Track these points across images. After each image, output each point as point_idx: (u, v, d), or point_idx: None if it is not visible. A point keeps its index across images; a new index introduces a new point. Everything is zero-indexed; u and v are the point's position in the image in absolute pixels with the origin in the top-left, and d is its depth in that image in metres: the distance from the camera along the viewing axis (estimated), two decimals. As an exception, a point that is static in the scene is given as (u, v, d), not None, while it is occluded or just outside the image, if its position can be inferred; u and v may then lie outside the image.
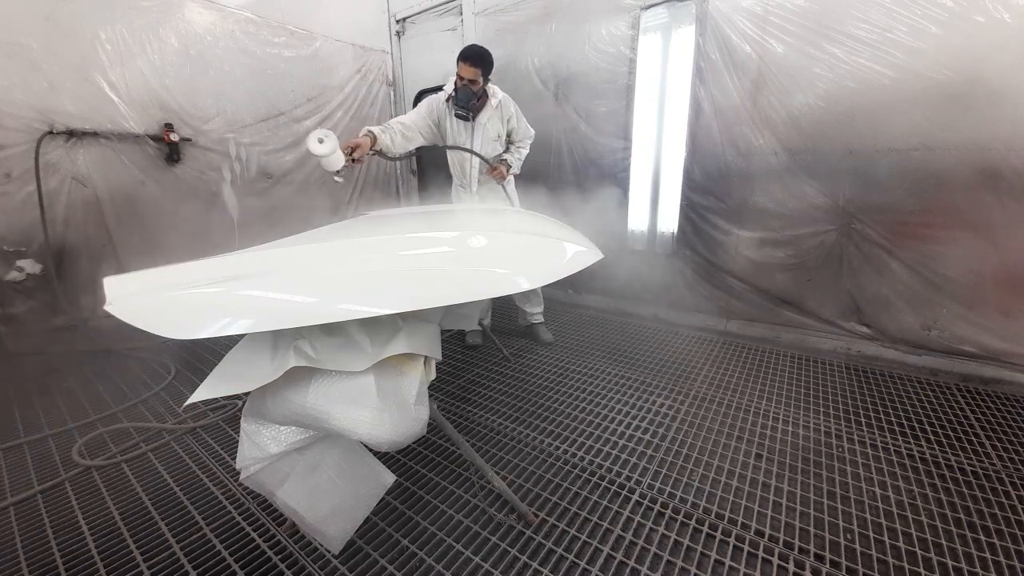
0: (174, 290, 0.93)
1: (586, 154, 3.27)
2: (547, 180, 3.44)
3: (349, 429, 0.97)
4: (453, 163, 2.57)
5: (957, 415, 1.95)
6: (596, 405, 2.05)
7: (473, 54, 2.21)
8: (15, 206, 2.41)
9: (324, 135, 1.72)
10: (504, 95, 2.43)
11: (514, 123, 2.47)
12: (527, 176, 3.15)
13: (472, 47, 2.25)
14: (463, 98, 2.26)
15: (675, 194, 2.96)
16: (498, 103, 2.39)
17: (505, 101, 2.42)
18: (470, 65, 2.20)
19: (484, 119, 2.38)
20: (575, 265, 1.23)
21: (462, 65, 2.21)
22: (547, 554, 1.27)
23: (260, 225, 3.45)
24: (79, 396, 2.22)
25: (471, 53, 2.21)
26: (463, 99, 2.26)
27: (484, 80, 2.28)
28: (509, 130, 2.49)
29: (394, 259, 1.12)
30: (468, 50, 2.22)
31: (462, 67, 2.21)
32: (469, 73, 2.21)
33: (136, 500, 1.51)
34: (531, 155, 2.71)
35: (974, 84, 2.00)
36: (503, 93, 2.43)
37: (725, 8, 2.55)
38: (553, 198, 3.34)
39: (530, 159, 2.72)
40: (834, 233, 2.45)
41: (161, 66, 2.82)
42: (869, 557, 1.25)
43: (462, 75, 2.23)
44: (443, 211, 2.38)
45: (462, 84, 2.25)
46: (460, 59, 2.22)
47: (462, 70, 2.22)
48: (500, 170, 2.43)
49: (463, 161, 2.51)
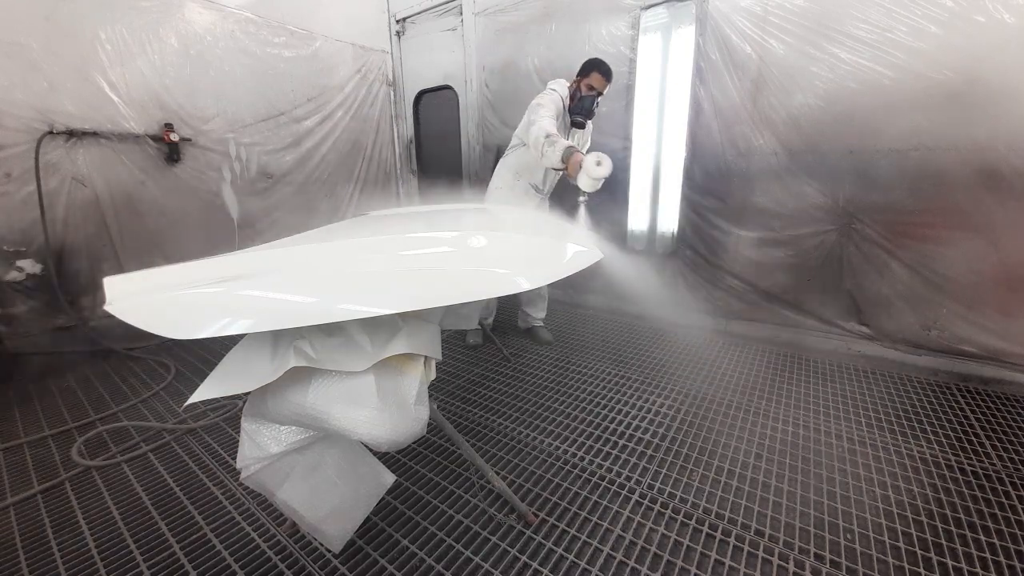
0: (174, 290, 0.93)
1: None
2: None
3: (349, 429, 0.97)
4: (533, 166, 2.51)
5: (957, 415, 1.95)
6: (596, 405, 2.05)
7: (609, 69, 2.31)
8: (15, 206, 2.41)
9: (600, 158, 1.83)
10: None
11: (588, 137, 2.60)
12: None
13: (605, 63, 2.32)
14: (587, 107, 2.33)
15: (675, 194, 2.96)
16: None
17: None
18: (606, 79, 2.30)
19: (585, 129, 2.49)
20: (575, 265, 1.23)
21: (598, 77, 2.29)
22: (547, 554, 1.27)
23: (260, 225, 3.45)
24: (79, 396, 2.22)
25: (608, 69, 2.31)
26: (587, 108, 2.33)
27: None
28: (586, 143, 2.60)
29: (394, 259, 1.12)
30: (606, 66, 2.31)
31: (598, 78, 2.29)
32: (601, 85, 2.31)
33: (136, 500, 1.51)
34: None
35: (974, 84, 2.00)
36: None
37: (725, 8, 2.55)
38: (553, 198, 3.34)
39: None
40: (834, 233, 2.45)
41: (161, 66, 2.82)
42: (869, 557, 1.25)
43: (594, 86, 2.30)
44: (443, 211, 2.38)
45: (592, 95, 2.31)
46: (598, 71, 2.29)
47: (597, 81, 2.30)
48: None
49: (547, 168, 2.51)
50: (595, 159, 1.84)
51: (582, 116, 2.34)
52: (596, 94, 2.32)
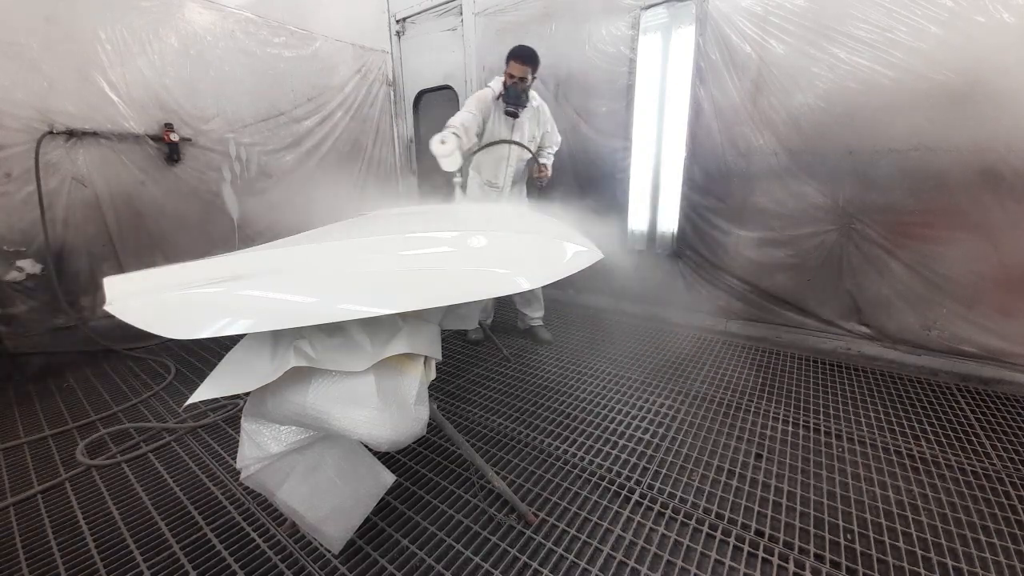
0: (174, 290, 0.93)
1: (586, 154, 3.26)
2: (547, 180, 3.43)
3: (349, 429, 0.97)
4: (485, 161, 2.55)
5: (957, 415, 1.95)
6: (596, 405, 2.05)
7: (525, 53, 2.29)
8: (15, 206, 2.40)
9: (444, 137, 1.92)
10: (541, 100, 2.54)
11: (548, 127, 2.58)
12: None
13: (523, 47, 2.32)
14: (514, 95, 2.34)
15: (675, 194, 2.96)
16: (537, 105, 2.50)
17: (543, 105, 2.53)
18: (522, 64, 2.28)
19: (524, 119, 2.46)
20: (575, 265, 1.23)
21: (514, 63, 2.29)
22: (547, 554, 1.27)
23: (260, 225, 3.45)
24: (79, 396, 2.22)
25: (523, 52, 2.29)
26: (513, 96, 2.34)
27: (532, 79, 2.36)
28: (542, 134, 2.58)
29: (394, 259, 1.12)
30: (520, 49, 2.30)
31: (514, 65, 2.29)
32: (520, 71, 2.29)
33: (136, 500, 1.51)
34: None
35: (974, 84, 2.00)
36: (540, 98, 2.53)
37: (725, 8, 2.55)
38: (553, 198, 3.35)
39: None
40: (834, 233, 2.45)
41: (161, 66, 2.82)
42: (869, 557, 1.25)
43: (513, 73, 2.30)
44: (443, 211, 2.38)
45: (512, 82, 2.32)
46: (512, 58, 2.29)
47: (513, 68, 2.29)
48: (545, 171, 2.55)
49: (500, 160, 2.53)
50: (439, 139, 1.94)
51: (511, 105, 2.36)
52: (519, 80, 2.30)
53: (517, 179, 2.61)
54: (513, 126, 2.46)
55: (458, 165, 2.03)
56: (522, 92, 2.34)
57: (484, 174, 2.60)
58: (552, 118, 2.60)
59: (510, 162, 2.51)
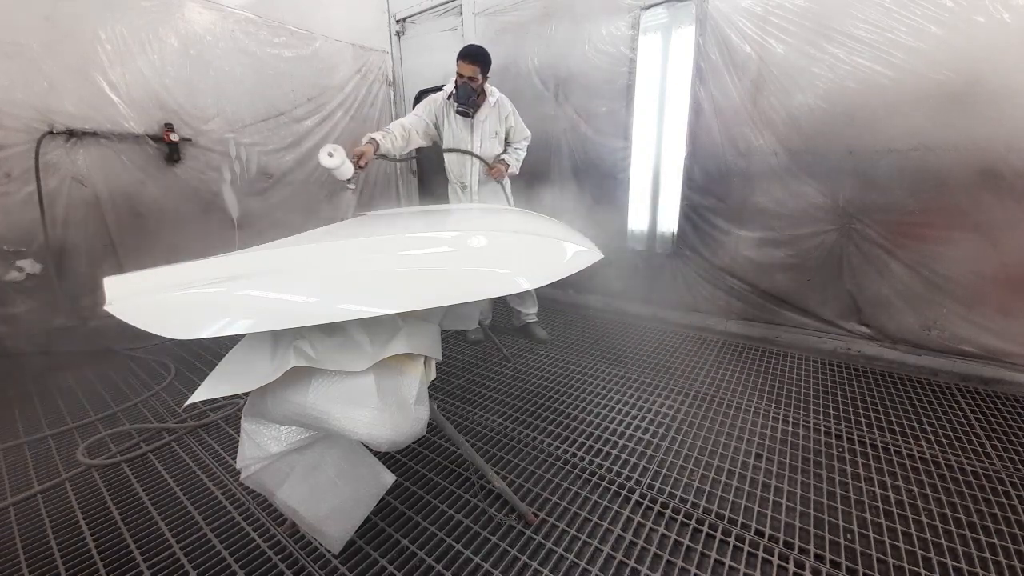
0: (174, 290, 0.93)
1: (586, 154, 3.26)
2: (547, 180, 3.44)
3: (349, 429, 0.97)
4: (451, 163, 2.60)
5: (957, 415, 1.95)
6: (596, 405, 2.05)
7: (471, 52, 2.30)
8: (15, 206, 2.41)
9: (333, 149, 1.87)
10: (501, 95, 2.52)
11: (511, 122, 2.55)
12: (527, 176, 3.15)
13: (470, 46, 2.34)
14: (463, 95, 2.34)
15: (675, 194, 2.96)
16: (496, 101, 2.48)
17: (502, 100, 2.51)
18: (469, 63, 2.29)
19: (482, 116, 2.46)
20: (575, 265, 1.23)
21: (461, 63, 2.30)
22: (547, 554, 1.27)
23: (260, 225, 3.45)
24: (79, 396, 2.22)
25: (469, 51, 2.30)
26: (463, 96, 2.34)
27: (483, 78, 2.35)
28: (507, 129, 2.56)
29: (394, 259, 1.12)
30: (466, 49, 2.31)
31: (461, 65, 2.30)
32: (468, 71, 2.29)
33: (136, 500, 1.51)
34: (531, 155, 2.72)
35: (974, 84, 2.00)
36: (500, 93, 2.52)
37: (725, 8, 2.55)
38: (553, 198, 3.34)
39: (530, 159, 2.74)
40: (834, 233, 2.45)
41: (161, 66, 2.82)
42: (869, 557, 1.25)
43: (462, 73, 2.31)
44: (443, 211, 2.38)
45: (462, 81, 2.33)
46: (459, 58, 2.30)
47: (461, 68, 2.30)
48: (499, 168, 2.52)
49: (463, 161, 2.55)
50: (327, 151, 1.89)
51: (462, 105, 2.36)
52: (468, 79, 2.30)
53: (485, 177, 2.58)
54: (472, 125, 2.46)
55: (350, 174, 1.99)
56: (472, 91, 2.34)
57: (453, 176, 2.63)
58: (515, 111, 2.55)
59: (473, 162, 2.53)
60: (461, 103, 2.36)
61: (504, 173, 2.54)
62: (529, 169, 3.13)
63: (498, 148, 2.56)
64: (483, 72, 2.33)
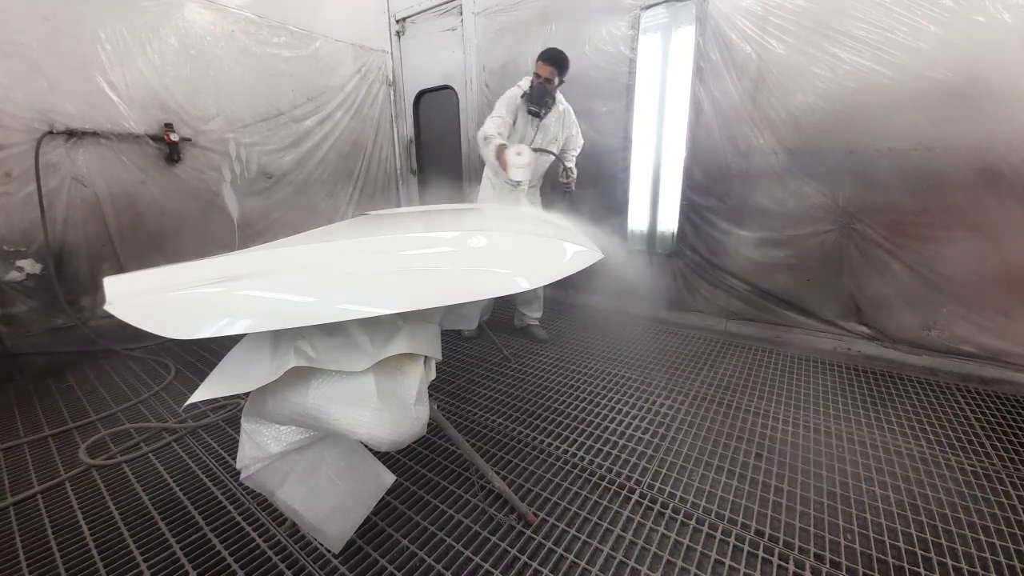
0: (174, 290, 0.93)
1: (586, 154, 3.26)
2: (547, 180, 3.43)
3: (349, 429, 0.97)
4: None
5: (957, 415, 1.95)
6: (596, 405, 2.05)
7: (553, 56, 2.34)
8: (15, 206, 2.40)
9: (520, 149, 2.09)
10: (568, 104, 2.57)
11: (572, 131, 2.62)
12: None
13: (552, 49, 2.37)
14: (538, 95, 2.38)
15: (675, 194, 2.96)
16: (564, 109, 2.54)
17: (568, 109, 2.57)
18: (549, 64, 2.33)
19: (550, 120, 2.50)
20: (575, 265, 1.23)
21: (541, 64, 2.34)
22: (547, 554, 1.27)
23: (260, 225, 3.45)
24: (79, 396, 2.22)
25: (551, 54, 2.34)
26: (537, 96, 2.38)
27: (559, 81, 2.39)
28: (566, 137, 2.62)
29: (394, 259, 1.12)
30: (549, 51, 2.35)
31: (541, 66, 2.34)
32: (547, 72, 2.33)
33: (136, 500, 1.51)
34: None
35: (974, 84, 2.00)
36: (567, 103, 2.57)
37: (725, 8, 2.55)
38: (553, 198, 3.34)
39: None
40: (834, 233, 2.45)
41: (161, 66, 2.82)
42: (869, 557, 1.25)
43: (539, 73, 2.35)
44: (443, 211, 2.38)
45: (538, 82, 2.36)
46: (540, 59, 2.34)
47: (541, 69, 2.34)
48: (572, 174, 2.57)
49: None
50: (515, 151, 2.09)
51: (534, 105, 2.40)
52: (544, 81, 2.34)
53: (535, 180, 2.63)
54: (538, 126, 2.50)
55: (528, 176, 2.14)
56: (547, 92, 2.37)
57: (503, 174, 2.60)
58: (577, 121, 2.62)
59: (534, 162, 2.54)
60: (533, 103, 2.39)
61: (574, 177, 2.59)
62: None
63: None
64: (560, 75, 2.37)
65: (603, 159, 3.19)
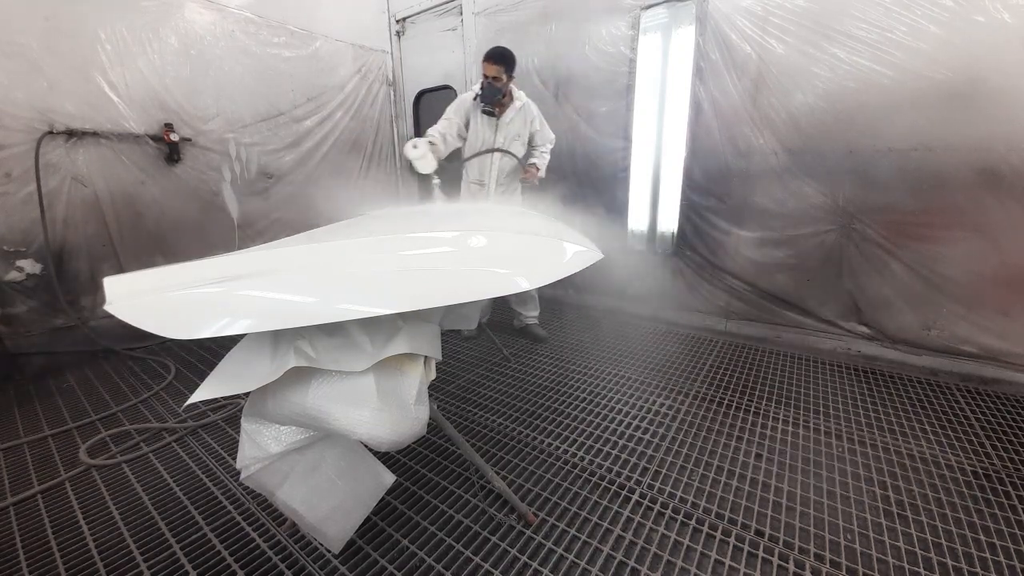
0: (174, 290, 0.93)
1: (586, 154, 3.26)
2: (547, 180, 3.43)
3: (349, 429, 0.97)
4: (472, 162, 2.63)
5: (957, 415, 1.95)
6: (596, 405, 2.05)
7: (495, 53, 2.36)
8: (15, 206, 2.40)
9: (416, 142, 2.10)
10: (528, 99, 2.58)
11: (536, 126, 2.62)
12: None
13: (495, 47, 2.39)
14: (488, 94, 2.40)
15: (675, 194, 2.95)
16: (522, 105, 2.54)
17: (529, 104, 2.57)
18: (493, 63, 2.35)
19: (508, 118, 2.51)
20: (575, 265, 1.23)
21: (486, 64, 2.36)
22: (547, 554, 1.27)
23: (260, 225, 3.45)
24: (79, 396, 2.22)
25: (494, 52, 2.36)
26: (489, 95, 2.40)
27: (508, 78, 2.41)
28: (531, 133, 2.62)
29: (394, 259, 1.12)
30: (491, 50, 2.38)
31: (486, 66, 2.36)
32: (492, 71, 2.36)
33: (136, 500, 1.51)
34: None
35: (974, 84, 2.00)
36: (527, 97, 2.58)
37: (725, 8, 2.55)
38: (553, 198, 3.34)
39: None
40: (834, 233, 2.45)
41: (161, 66, 2.82)
42: (869, 557, 1.25)
43: (487, 73, 2.37)
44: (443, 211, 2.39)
45: (487, 82, 2.38)
46: (484, 59, 2.37)
47: (487, 69, 2.36)
48: (532, 171, 2.58)
49: (484, 160, 2.59)
50: (412, 144, 2.13)
51: (487, 105, 2.43)
52: (492, 80, 2.36)
53: (504, 178, 2.64)
54: (497, 126, 2.51)
55: (433, 167, 2.17)
56: (497, 91, 2.39)
57: (471, 174, 2.67)
58: (541, 115, 2.62)
59: (494, 161, 2.57)
60: (485, 103, 2.42)
61: (535, 176, 2.59)
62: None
63: (521, 150, 2.61)
64: (507, 72, 2.38)
65: (603, 159, 3.19)
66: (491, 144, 2.53)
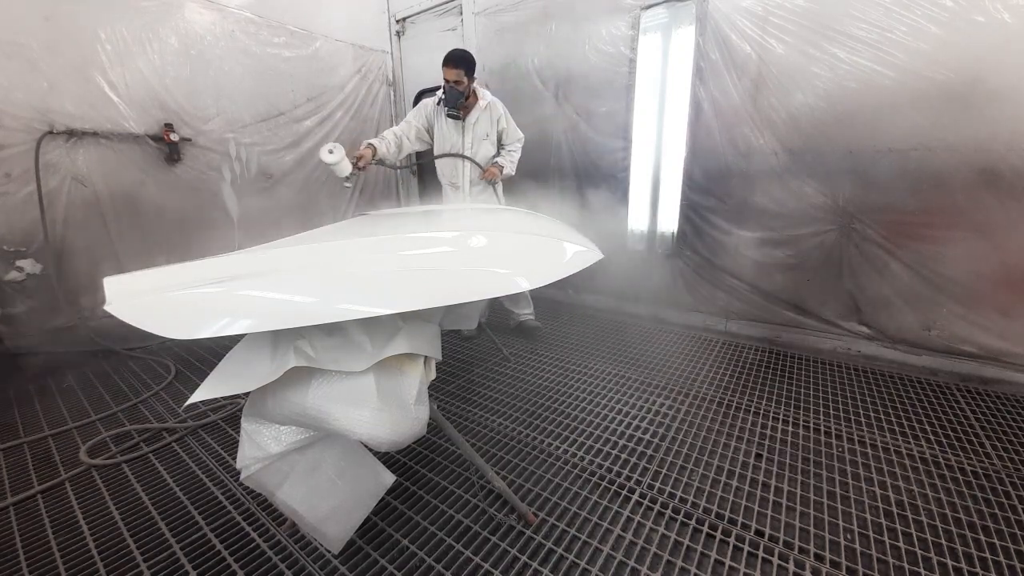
0: (174, 290, 0.93)
1: (586, 154, 3.26)
2: (547, 180, 3.44)
3: (349, 429, 0.97)
4: (442, 165, 2.66)
5: (957, 415, 1.95)
6: (596, 405, 2.05)
7: (453, 57, 2.36)
8: (15, 206, 2.41)
9: (333, 147, 2.00)
10: (493, 98, 2.58)
11: (503, 124, 2.61)
12: (527, 176, 3.15)
13: (452, 51, 2.39)
14: (451, 98, 2.41)
15: (675, 194, 2.96)
16: (487, 104, 2.54)
17: (494, 103, 2.56)
18: (452, 67, 2.35)
19: (473, 119, 2.52)
20: (575, 265, 1.23)
21: (445, 68, 2.36)
22: (547, 554, 1.27)
23: (260, 225, 3.45)
24: (79, 396, 2.22)
25: (451, 56, 2.37)
26: (451, 99, 2.41)
27: (468, 80, 2.41)
28: (499, 131, 2.62)
29: (394, 259, 1.12)
30: (449, 54, 2.38)
31: (445, 70, 2.37)
32: (452, 75, 2.36)
33: (136, 500, 1.51)
34: (531, 155, 2.73)
35: (974, 84, 2.00)
36: (492, 96, 2.59)
37: (725, 8, 2.55)
38: (553, 198, 3.34)
39: (530, 159, 2.74)
40: (834, 233, 2.45)
41: (161, 66, 2.82)
42: (869, 557, 1.25)
43: (447, 77, 2.38)
44: (443, 211, 2.39)
45: (448, 86, 2.39)
46: (443, 63, 2.37)
47: (446, 73, 2.37)
48: (492, 171, 2.57)
49: (454, 163, 2.61)
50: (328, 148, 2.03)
51: (451, 108, 2.45)
52: (453, 84, 2.36)
53: (478, 179, 2.64)
54: (463, 128, 2.53)
55: (348, 171, 2.11)
56: (459, 94, 2.40)
57: (445, 177, 2.70)
58: (508, 113, 2.61)
59: (464, 164, 2.59)
60: (450, 106, 2.43)
61: (497, 175, 2.59)
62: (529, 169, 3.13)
63: (491, 149, 2.61)
64: (467, 75, 2.38)
65: (603, 159, 3.19)
66: (459, 147, 2.55)
